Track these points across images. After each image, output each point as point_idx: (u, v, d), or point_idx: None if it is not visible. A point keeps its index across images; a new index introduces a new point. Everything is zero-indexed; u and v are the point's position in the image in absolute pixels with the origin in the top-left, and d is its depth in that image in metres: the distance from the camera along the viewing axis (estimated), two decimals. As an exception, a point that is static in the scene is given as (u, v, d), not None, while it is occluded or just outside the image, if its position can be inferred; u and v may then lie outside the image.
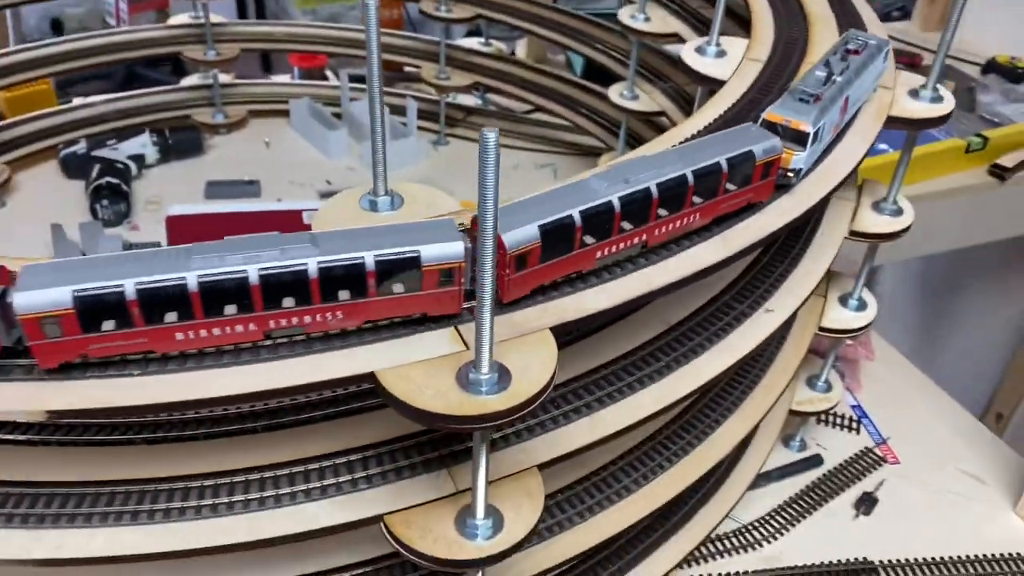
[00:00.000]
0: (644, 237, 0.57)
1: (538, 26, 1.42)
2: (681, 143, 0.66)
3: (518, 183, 1.39)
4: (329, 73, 1.71)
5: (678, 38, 1.12)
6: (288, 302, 0.47)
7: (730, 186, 0.60)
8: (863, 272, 0.87)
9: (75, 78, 2.06)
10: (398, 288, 0.49)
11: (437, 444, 0.57)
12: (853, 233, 0.81)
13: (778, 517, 0.92)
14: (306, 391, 0.47)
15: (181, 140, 1.42)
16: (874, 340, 1.15)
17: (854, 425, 1.04)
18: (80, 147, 1.36)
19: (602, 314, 0.54)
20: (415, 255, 0.48)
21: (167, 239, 1.11)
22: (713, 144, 0.61)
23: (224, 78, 1.55)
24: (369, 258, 0.48)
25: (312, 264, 0.47)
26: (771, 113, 0.65)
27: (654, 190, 0.56)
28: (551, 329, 0.51)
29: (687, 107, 1.18)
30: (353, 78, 1.54)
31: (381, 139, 0.55)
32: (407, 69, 1.54)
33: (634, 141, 1.35)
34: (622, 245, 0.56)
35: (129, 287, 0.44)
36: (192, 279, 0.45)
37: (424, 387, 0.46)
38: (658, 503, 0.69)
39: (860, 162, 0.71)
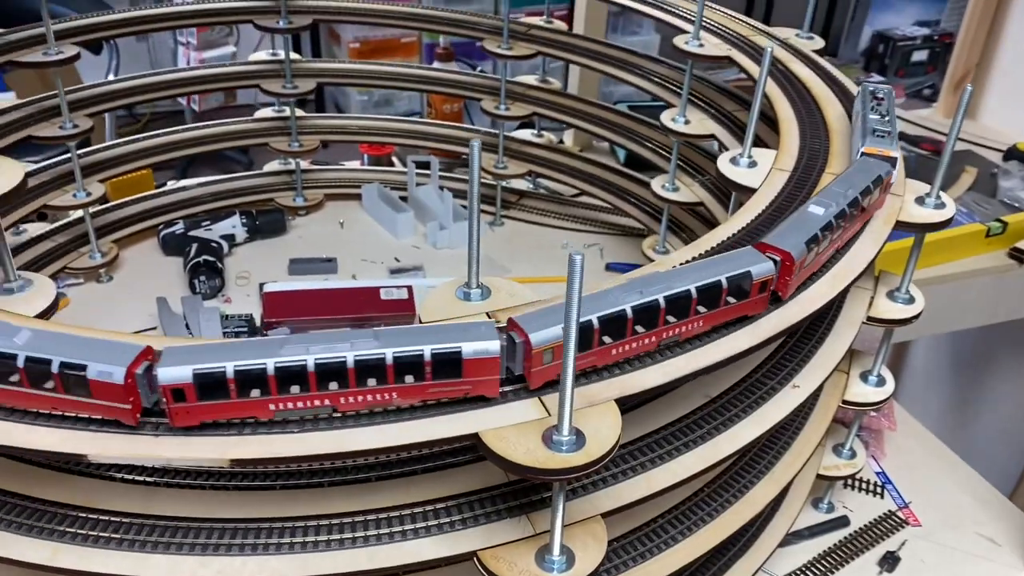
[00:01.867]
0: (839, 244, 0.79)
1: (586, 122, 1.57)
2: (741, 230, 0.82)
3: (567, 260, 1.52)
4: (395, 160, 1.88)
5: (715, 139, 1.26)
6: (671, 319, 0.65)
7: (873, 201, 0.81)
8: (881, 352, 0.98)
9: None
10: (731, 299, 0.66)
11: (518, 494, 0.69)
12: (870, 319, 0.92)
13: (808, 572, 1.01)
14: (428, 446, 0.60)
15: (267, 221, 1.58)
16: (897, 412, 1.25)
17: (878, 490, 1.13)
18: (178, 227, 1.53)
19: (655, 389, 0.67)
20: (747, 272, 0.66)
21: (263, 311, 1.25)
22: (855, 174, 0.81)
23: (302, 164, 1.72)
24: (723, 279, 0.65)
25: (692, 289, 0.64)
26: (868, 147, 0.86)
27: (847, 209, 0.76)
28: (615, 400, 0.63)
29: (724, 198, 1.31)
30: (418, 164, 1.70)
31: (476, 246, 0.69)
32: (466, 157, 1.68)
33: (674, 226, 1.48)
34: (832, 250, 0.78)
35: (595, 320, 0.61)
36: (628, 310, 0.62)
37: (517, 445, 0.59)
38: (701, 552, 0.80)
39: (876, 257, 0.84)
